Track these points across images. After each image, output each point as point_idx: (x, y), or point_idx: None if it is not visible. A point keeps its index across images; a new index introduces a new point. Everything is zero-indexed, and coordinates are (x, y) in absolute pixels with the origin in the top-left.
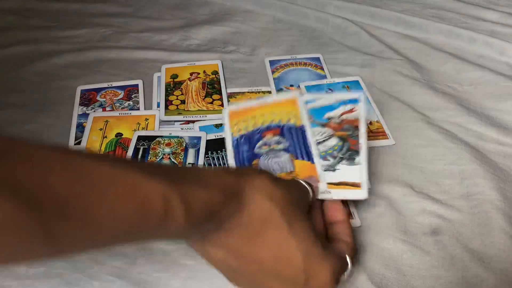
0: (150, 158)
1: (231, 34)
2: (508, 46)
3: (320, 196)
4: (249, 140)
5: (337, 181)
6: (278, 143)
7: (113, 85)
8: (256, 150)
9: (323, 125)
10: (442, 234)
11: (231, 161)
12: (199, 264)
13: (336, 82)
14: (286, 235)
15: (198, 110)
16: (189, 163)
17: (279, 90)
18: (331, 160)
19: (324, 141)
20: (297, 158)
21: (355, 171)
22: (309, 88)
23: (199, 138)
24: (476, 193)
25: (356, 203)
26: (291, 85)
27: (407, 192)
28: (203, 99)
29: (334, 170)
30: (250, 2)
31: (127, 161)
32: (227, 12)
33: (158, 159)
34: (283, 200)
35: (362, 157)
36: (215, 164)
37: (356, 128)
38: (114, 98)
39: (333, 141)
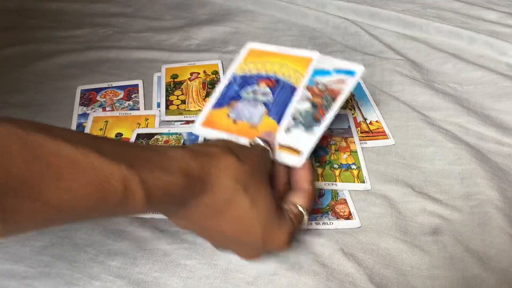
0: None
1: (231, 34)
2: (508, 46)
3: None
4: (244, 82)
5: (285, 143)
6: (264, 94)
7: (113, 85)
8: (242, 93)
9: (306, 88)
10: (442, 234)
11: (218, 91)
12: (199, 264)
13: None
14: (247, 211)
15: (199, 110)
16: None
17: None
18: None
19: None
20: (268, 115)
21: (305, 139)
22: None
23: (197, 134)
24: (476, 193)
25: (356, 203)
26: None
27: (407, 192)
28: (204, 99)
29: (288, 131)
30: (250, 2)
31: (91, 141)
32: (227, 12)
33: None
34: (246, 177)
35: (320, 128)
36: None
37: (334, 100)
38: (114, 98)
39: (305, 105)
